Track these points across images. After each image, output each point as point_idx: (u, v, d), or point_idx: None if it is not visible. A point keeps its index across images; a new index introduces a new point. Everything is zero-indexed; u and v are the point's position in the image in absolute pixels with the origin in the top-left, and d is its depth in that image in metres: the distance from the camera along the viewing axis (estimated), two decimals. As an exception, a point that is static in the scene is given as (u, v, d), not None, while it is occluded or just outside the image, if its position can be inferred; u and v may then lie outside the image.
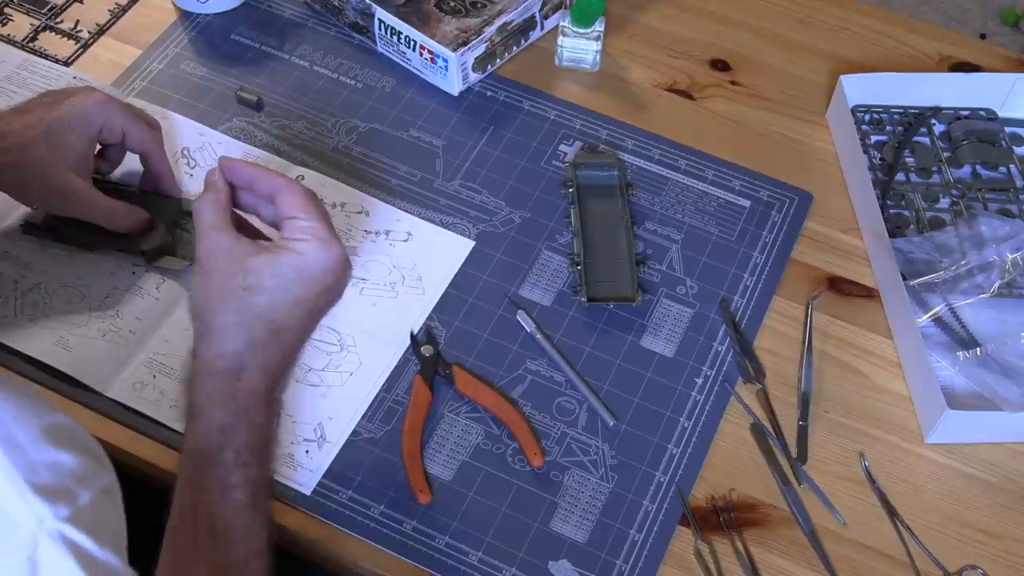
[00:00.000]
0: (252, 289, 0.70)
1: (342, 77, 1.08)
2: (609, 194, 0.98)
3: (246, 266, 0.70)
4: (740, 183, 1.01)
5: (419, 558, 0.79)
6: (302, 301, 0.71)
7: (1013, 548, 0.82)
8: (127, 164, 0.93)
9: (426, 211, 0.97)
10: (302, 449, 0.83)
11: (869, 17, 1.16)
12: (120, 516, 0.59)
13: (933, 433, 0.85)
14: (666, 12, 1.15)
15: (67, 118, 0.84)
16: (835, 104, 1.05)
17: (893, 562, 0.80)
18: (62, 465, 0.55)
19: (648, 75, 1.10)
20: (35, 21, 1.11)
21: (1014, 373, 0.86)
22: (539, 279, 0.94)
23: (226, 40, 1.10)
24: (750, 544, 0.81)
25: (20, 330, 0.87)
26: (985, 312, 0.91)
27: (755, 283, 0.94)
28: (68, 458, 0.55)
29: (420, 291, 0.92)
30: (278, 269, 0.70)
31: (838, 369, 0.90)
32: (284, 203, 0.73)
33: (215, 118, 1.03)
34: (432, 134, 1.03)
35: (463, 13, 1.05)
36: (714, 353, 0.90)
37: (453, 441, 0.84)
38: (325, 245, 0.72)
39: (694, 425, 0.86)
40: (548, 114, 1.05)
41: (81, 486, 0.55)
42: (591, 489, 0.82)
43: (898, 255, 0.92)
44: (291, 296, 0.70)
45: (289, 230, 0.72)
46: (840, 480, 0.84)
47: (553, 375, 0.88)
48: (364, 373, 0.87)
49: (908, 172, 1.02)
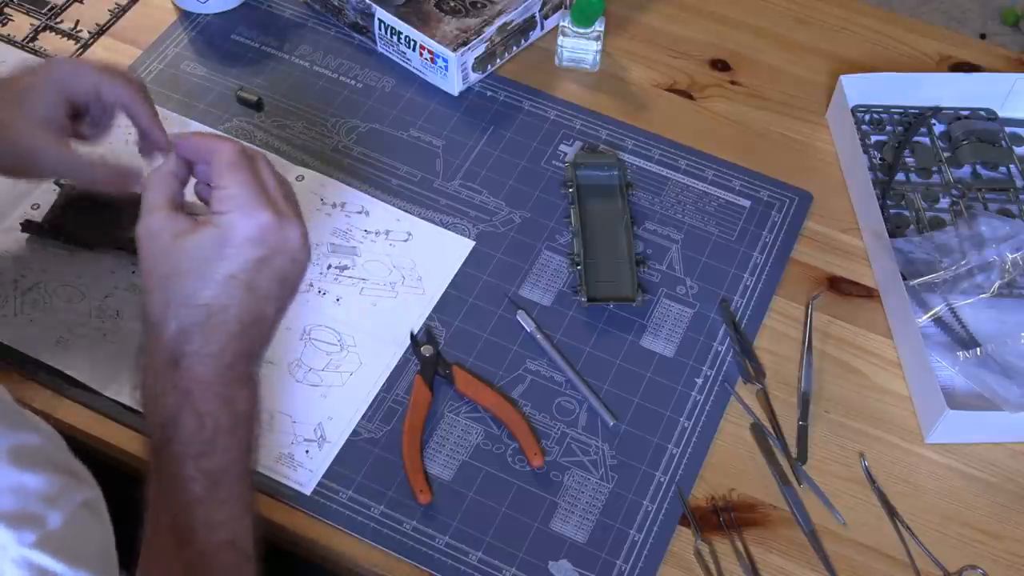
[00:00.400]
0: (174, 274, 0.65)
1: (342, 77, 1.08)
2: (609, 194, 0.98)
3: (168, 249, 0.66)
4: (740, 183, 1.01)
5: (419, 558, 0.79)
6: (234, 279, 0.66)
7: (1013, 548, 0.82)
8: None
9: (426, 211, 0.97)
10: (302, 449, 0.83)
11: (869, 17, 1.16)
12: (103, 530, 0.58)
13: (933, 433, 0.85)
14: (666, 12, 1.15)
15: (34, 81, 0.79)
16: (835, 104, 1.05)
17: (893, 562, 0.80)
18: (27, 487, 0.53)
19: (648, 75, 1.10)
20: (35, 21, 1.11)
21: (1014, 373, 0.86)
22: (539, 279, 0.94)
23: (226, 40, 1.10)
24: (750, 544, 0.81)
25: (20, 330, 0.87)
26: (985, 312, 0.91)
27: (755, 283, 0.94)
28: (35, 479, 0.54)
29: (420, 291, 0.92)
30: (198, 250, 0.65)
31: (838, 369, 0.90)
32: (213, 171, 0.68)
33: (215, 118, 1.03)
34: (432, 134, 1.03)
35: (463, 13, 1.05)
36: (714, 353, 0.90)
37: (453, 441, 0.84)
38: (245, 213, 0.66)
39: (694, 425, 0.86)
40: (548, 114, 1.05)
41: (51, 507, 0.54)
42: (591, 489, 0.82)
43: (898, 255, 0.92)
44: (218, 275, 0.65)
45: (214, 201, 0.67)
46: (840, 480, 0.84)
47: (553, 375, 0.88)
48: (364, 373, 0.87)
49: (908, 172, 1.02)
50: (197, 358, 0.65)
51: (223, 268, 0.65)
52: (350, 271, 0.93)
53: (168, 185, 0.69)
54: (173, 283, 0.65)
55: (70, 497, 0.56)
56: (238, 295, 0.66)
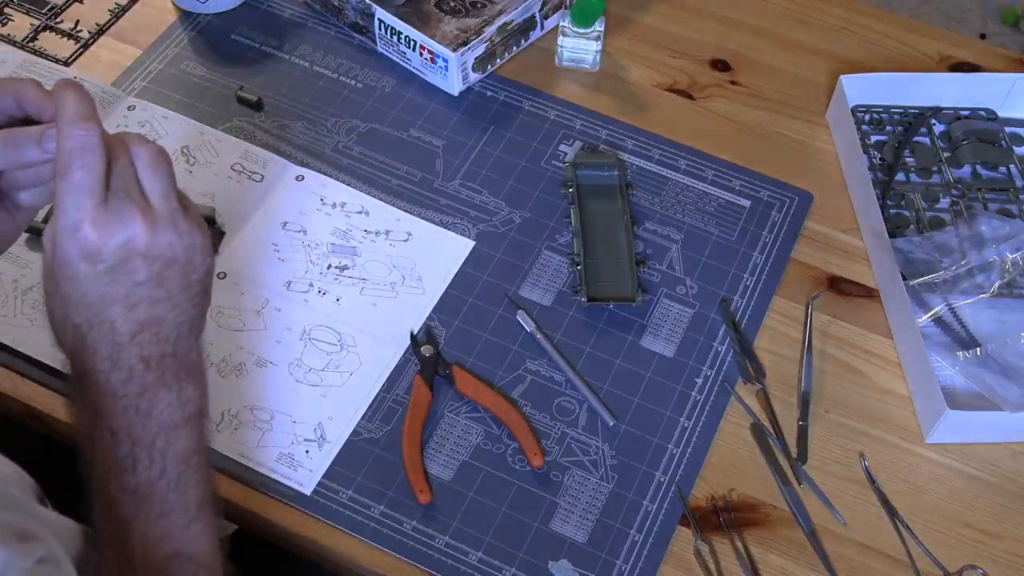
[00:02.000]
0: (50, 294, 0.63)
1: (342, 77, 1.08)
2: (609, 194, 0.98)
3: (48, 269, 0.63)
4: (740, 183, 1.01)
5: (419, 558, 0.79)
6: (94, 290, 0.61)
7: (1013, 548, 0.82)
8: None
9: (426, 211, 0.97)
10: (302, 449, 0.83)
11: (869, 17, 1.16)
12: (67, 572, 0.58)
13: (933, 433, 0.85)
14: (666, 12, 1.15)
15: None
16: (835, 104, 1.05)
17: (893, 562, 0.80)
18: None
19: (648, 75, 1.10)
20: (35, 21, 1.11)
21: (1014, 373, 0.86)
22: (539, 279, 0.94)
23: (226, 40, 1.10)
24: (750, 544, 0.81)
25: (20, 330, 0.87)
26: (985, 312, 0.91)
27: (755, 283, 0.94)
28: None
29: (420, 291, 0.92)
30: (58, 268, 0.61)
31: (838, 369, 0.90)
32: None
33: (215, 118, 1.03)
34: (432, 134, 1.03)
35: (463, 13, 1.05)
36: (714, 353, 0.90)
37: (453, 441, 0.84)
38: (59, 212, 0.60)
39: (694, 425, 0.86)
40: (548, 114, 1.05)
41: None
42: (591, 489, 0.82)
43: (898, 255, 0.92)
44: (75, 292, 0.61)
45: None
46: (840, 480, 0.84)
47: (553, 375, 0.88)
48: (364, 373, 0.87)
49: (908, 172, 1.01)
50: (94, 375, 0.63)
51: (82, 284, 0.61)
52: (350, 271, 0.93)
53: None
54: (51, 304, 0.64)
55: (19, 563, 0.55)
56: (110, 307, 0.62)
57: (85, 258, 0.61)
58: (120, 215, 0.61)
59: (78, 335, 0.63)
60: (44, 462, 0.71)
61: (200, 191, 0.96)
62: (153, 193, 0.63)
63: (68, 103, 0.60)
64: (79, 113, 0.60)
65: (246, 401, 0.85)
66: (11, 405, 0.85)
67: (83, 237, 0.60)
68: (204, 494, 0.67)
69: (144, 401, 0.63)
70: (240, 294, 0.91)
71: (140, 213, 0.62)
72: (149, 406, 0.63)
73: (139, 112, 1.02)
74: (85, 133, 0.60)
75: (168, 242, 0.63)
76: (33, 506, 0.66)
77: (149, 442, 0.64)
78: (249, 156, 1.00)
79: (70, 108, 0.60)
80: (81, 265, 0.61)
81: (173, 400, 0.64)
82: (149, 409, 0.64)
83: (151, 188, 0.63)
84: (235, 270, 0.92)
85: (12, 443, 0.70)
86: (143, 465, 0.63)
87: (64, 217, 0.60)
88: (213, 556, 0.66)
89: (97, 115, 0.61)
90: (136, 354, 0.63)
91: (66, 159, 0.60)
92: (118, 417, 0.63)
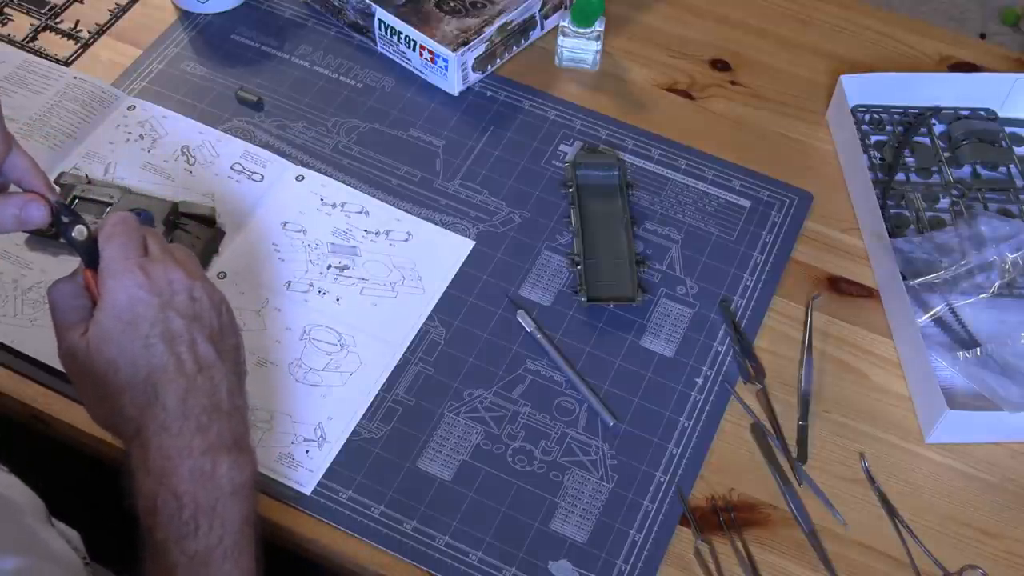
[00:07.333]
0: (95, 385, 0.68)
1: (342, 77, 1.08)
2: (609, 194, 0.98)
3: (83, 366, 0.68)
4: (740, 183, 1.01)
5: (419, 558, 0.79)
6: (147, 344, 0.67)
7: (1013, 548, 0.82)
8: (111, 174, 0.93)
9: (426, 211, 0.97)
10: (302, 449, 0.83)
11: (869, 17, 1.16)
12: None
13: (933, 433, 0.85)
14: (666, 12, 1.15)
15: None
16: (835, 104, 1.05)
17: (893, 562, 0.80)
18: None
19: (648, 75, 1.10)
20: (35, 21, 1.11)
21: (1014, 373, 0.86)
22: (539, 279, 0.94)
23: (226, 40, 1.10)
24: (750, 544, 0.81)
25: (20, 330, 0.87)
26: (985, 312, 0.91)
27: (755, 283, 0.94)
28: None
29: (420, 291, 0.92)
30: (104, 346, 0.67)
31: (838, 369, 0.90)
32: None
33: (215, 118, 1.03)
34: (432, 134, 1.03)
35: (463, 13, 1.05)
36: (714, 353, 0.90)
37: (453, 441, 0.84)
38: (116, 278, 0.69)
39: (694, 425, 0.86)
40: (548, 114, 1.06)
41: None
42: (591, 489, 0.83)
43: (898, 255, 0.92)
44: (124, 356, 0.67)
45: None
46: (840, 480, 0.84)
47: (553, 375, 0.88)
48: (364, 373, 0.87)
49: (908, 172, 1.02)
50: (160, 436, 0.66)
51: (128, 343, 0.67)
52: (350, 271, 0.93)
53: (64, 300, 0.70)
54: (100, 391, 0.67)
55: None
56: (158, 360, 0.67)
57: (137, 302, 0.67)
58: (125, 268, 0.69)
59: (135, 404, 0.66)
60: (44, 463, 0.71)
61: (200, 191, 0.96)
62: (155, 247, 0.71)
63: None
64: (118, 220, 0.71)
65: (246, 401, 0.85)
66: (11, 406, 0.85)
67: (118, 288, 0.68)
68: (252, 564, 0.68)
69: (206, 461, 0.66)
70: (240, 294, 0.90)
71: (172, 259, 0.71)
72: (211, 469, 0.66)
73: (139, 112, 1.02)
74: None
75: (179, 279, 0.70)
76: (43, 534, 0.66)
77: (209, 509, 0.66)
78: (249, 156, 1.00)
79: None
80: (138, 310, 0.67)
81: (231, 463, 0.67)
82: (212, 472, 0.66)
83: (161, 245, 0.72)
84: (235, 270, 0.92)
85: (12, 444, 0.70)
86: (203, 531, 0.65)
87: (109, 268, 0.69)
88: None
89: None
90: (205, 402, 0.68)
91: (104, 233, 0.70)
92: (183, 480, 0.65)
